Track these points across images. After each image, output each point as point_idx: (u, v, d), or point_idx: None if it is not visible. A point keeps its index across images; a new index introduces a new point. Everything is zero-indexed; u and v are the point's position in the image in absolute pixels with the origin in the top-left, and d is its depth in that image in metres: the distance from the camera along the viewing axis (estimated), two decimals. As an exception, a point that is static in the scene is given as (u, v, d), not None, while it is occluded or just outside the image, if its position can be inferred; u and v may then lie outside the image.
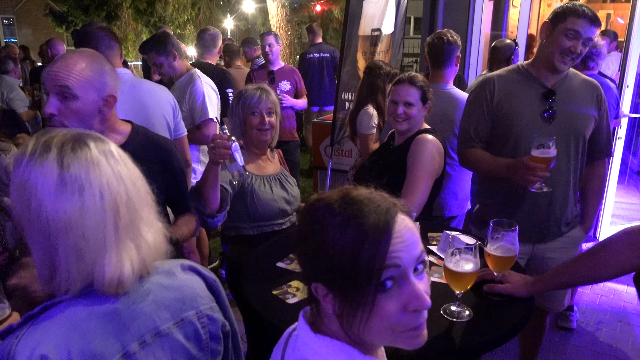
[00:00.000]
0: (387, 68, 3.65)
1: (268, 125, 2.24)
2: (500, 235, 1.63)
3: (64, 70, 1.56)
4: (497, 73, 2.30)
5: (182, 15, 14.86)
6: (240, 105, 2.25)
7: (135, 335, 0.96)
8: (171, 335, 1.02)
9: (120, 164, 0.97)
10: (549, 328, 3.07)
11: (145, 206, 1.00)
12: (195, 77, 3.19)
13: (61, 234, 0.89)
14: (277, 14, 12.07)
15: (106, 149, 0.97)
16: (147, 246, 0.99)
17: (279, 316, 1.55)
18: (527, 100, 2.17)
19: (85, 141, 0.94)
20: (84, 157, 0.92)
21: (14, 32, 22.04)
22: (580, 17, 2.02)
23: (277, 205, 2.25)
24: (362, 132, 3.61)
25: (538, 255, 2.29)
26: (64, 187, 0.89)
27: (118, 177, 0.95)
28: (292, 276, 1.80)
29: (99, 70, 1.62)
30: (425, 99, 2.30)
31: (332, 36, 16.20)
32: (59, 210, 0.88)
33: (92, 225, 0.90)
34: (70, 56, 1.60)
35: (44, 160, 0.89)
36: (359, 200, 0.81)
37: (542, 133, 2.09)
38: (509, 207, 2.20)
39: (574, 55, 2.05)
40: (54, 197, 0.88)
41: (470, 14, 5.33)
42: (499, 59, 3.96)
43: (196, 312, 1.08)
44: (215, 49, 3.98)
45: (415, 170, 2.18)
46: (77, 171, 0.90)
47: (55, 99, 1.56)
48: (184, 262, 1.14)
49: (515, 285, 1.63)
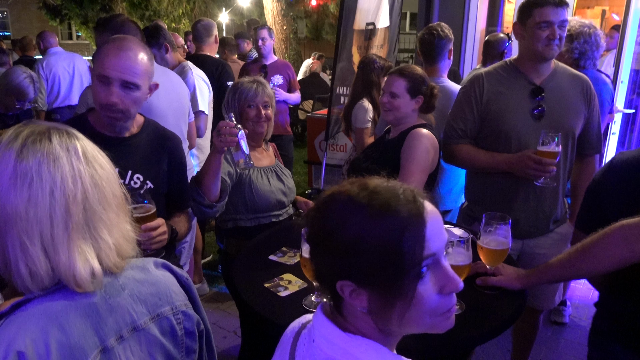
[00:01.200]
0: (381, 62, 3.64)
1: (264, 118, 2.26)
2: (493, 228, 1.63)
3: (131, 63, 1.61)
4: (486, 70, 2.30)
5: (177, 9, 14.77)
6: (236, 98, 2.26)
7: (113, 329, 0.95)
8: (148, 330, 1.01)
9: (82, 163, 0.92)
10: (542, 322, 3.07)
11: (108, 208, 0.95)
12: (187, 69, 3.17)
13: (9, 226, 0.87)
14: (273, 8, 12.02)
15: (71, 145, 0.92)
16: (108, 247, 0.94)
17: (270, 309, 1.54)
18: (516, 98, 2.17)
19: (50, 135, 0.92)
20: (41, 151, 0.89)
21: (7, 25, 21.86)
22: (544, 6, 2.04)
23: (274, 196, 2.25)
24: (357, 127, 3.60)
25: (527, 251, 2.29)
26: (16, 178, 0.87)
27: (76, 175, 0.90)
28: (284, 269, 1.79)
29: (151, 61, 1.71)
30: (415, 91, 2.23)
31: (328, 31, 16.17)
32: (8, 201, 0.86)
33: (37, 220, 0.87)
34: (132, 48, 1.64)
35: (7, 150, 0.88)
36: (382, 190, 0.80)
37: (532, 131, 2.10)
38: (499, 203, 2.19)
39: (556, 41, 2.06)
40: (7, 187, 0.86)
41: (465, 9, 5.33)
42: (492, 54, 3.95)
43: (171, 307, 1.07)
44: (210, 39, 3.92)
45: (408, 164, 2.16)
46: (30, 163, 0.87)
47: (120, 89, 1.61)
48: (157, 259, 1.13)
49: (508, 278, 1.63)
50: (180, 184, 1.92)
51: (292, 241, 1.93)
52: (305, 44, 17.92)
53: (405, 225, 0.76)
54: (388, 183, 0.83)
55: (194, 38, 3.99)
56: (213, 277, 4.00)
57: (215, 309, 3.49)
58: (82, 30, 15.70)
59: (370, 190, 0.80)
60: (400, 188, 0.81)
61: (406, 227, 0.76)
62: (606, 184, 1.55)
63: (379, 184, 0.82)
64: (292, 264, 1.82)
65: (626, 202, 1.46)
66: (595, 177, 1.62)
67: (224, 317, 3.39)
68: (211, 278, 3.97)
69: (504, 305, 1.59)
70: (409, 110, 2.25)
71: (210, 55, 3.86)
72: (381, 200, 0.78)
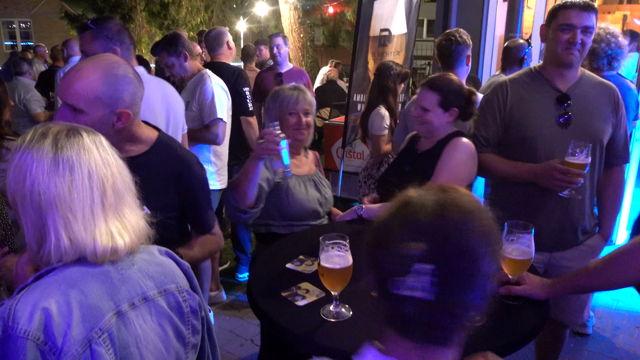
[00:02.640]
0: (398, 68, 3.63)
1: (305, 125, 2.28)
2: (515, 237, 1.59)
3: (72, 84, 1.49)
4: (510, 77, 2.26)
5: (195, 18, 14.94)
6: (277, 105, 2.28)
7: (126, 297, 1.07)
8: (157, 302, 1.13)
9: (108, 153, 1.10)
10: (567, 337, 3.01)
11: (128, 192, 1.11)
12: (205, 77, 3.18)
13: (51, 207, 1.00)
14: (290, 17, 12.09)
15: (97, 139, 1.10)
16: (131, 226, 1.10)
17: (288, 318, 1.52)
18: (541, 105, 2.13)
19: (79, 131, 1.08)
20: (76, 142, 1.04)
21: (31, 35, 22.35)
22: (569, 9, 2.00)
23: (310, 205, 2.25)
24: (373, 133, 3.58)
25: (555, 264, 2.23)
26: (57, 165, 1.01)
27: (106, 162, 1.07)
28: (301, 278, 1.77)
29: (113, 85, 1.51)
30: (449, 104, 2.10)
31: (345, 38, 16.19)
32: (50, 186, 1.00)
33: (80, 200, 1.02)
34: (83, 68, 1.52)
35: (41, 145, 1.02)
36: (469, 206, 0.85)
37: (558, 139, 2.05)
38: (524, 214, 2.13)
39: (577, 46, 2.01)
40: (47, 174, 1.00)
41: (483, 15, 5.29)
42: (511, 60, 3.91)
43: (177, 286, 1.19)
44: (221, 47, 3.89)
45: (439, 173, 2.05)
46: (69, 153, 1.02)
47: (66, 110, 1.51)
48: (160, 247, 1.24)
49: (532, 287, 1.59)
50: (195, 207, 1.82)
51: (310, 249, 1.92)
52: (322, 51, 17.97)
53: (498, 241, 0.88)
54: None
55: (208, 50, 4.02)
56: (230, 284, 4.00)
57: (232, 316, 3.48)
58: (102, 39, 15.99)
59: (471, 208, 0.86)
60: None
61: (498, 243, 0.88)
62: None
63: (460, 198, 0.86)
64: (310, 273, 1.80)
65: None
66: None
67: (241, 325, 3.38)
68: (228, 285, 3.97)
69: (527, 317, 1.55)
70: (443, 123, 2.13)
71: (226, 63, 3.88)
72: (485, 219, 0.87)
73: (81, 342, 0.96)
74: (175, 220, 1.78)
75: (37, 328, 0.93)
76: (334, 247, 1.47)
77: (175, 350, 1.16)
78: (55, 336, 0.94)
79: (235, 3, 15.82)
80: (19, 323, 0.92)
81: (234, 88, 3.62)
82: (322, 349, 1.40)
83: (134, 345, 1.05)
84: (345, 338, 1.41)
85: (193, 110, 3.17)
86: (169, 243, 1.54)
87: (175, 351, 1.16)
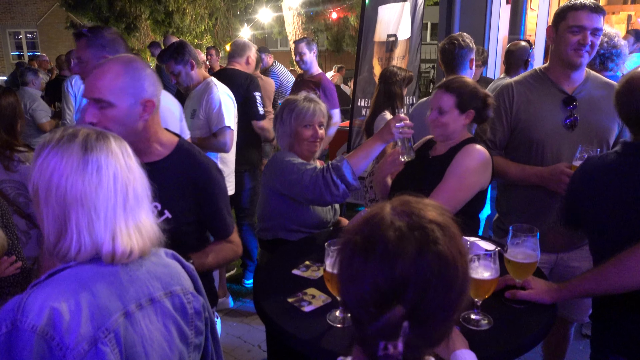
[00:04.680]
0: (403, 73, 3.64)
1: (320, 138, 2.28)
2: (520, 241, 1.59)
3: (98, 79, 1.56)
4: (515, 79, 2.26)
5: (199, 26, 15.00)
6: (293, 117, 2.26)
7: (134, 297, 1.10)
8: (163, 303, 1.16)
9: (132, 159, 1.15)
10: (573, 336, 2.99)
11: (146, 198, 1.16)
12: (211, 86, 3.20)
13: (76, 203, 1.05)
14: (293, 22, 12.14)
15: (122, 145, 1.15)
16: (146, 230, 1.14)
17: (294, 324, 1.53)
18: (548, 107, 2.13)
19: (107, 135, 1.13)
20: (105, 146, 1.10)
21: (37, 45, 22.52)
22: (579, 10, 1.99)
23: (323, 214, 2.28)
24: None
25: (561, 264, 2.23)
26: (85, 165, 1.06)
27: (129, 168, 1.13)
28: (307, 283, 1.77)
29: (135, 76, 1.59)
30: (465, 106, 2.06)
31: (349, 43, 16.19)
32: (77, 183, 1.05)
33: (105, 200, 1.07)
34: (104, 65, 1.60)
35: (70, 144, 1.07)
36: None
37: (565, 141, 2.05)
38: (532, 216, 2.12)
39: (587, 47, 2.01)
40: (76, 171, 1.05)
41: (487, 18, 5.28)
42: (515, 63, 3.91)
43: (182, 287, 1.23)
44: (242, 59, 3.94)
45: (448, 179, 2.01)
46: (98, 154, 1.08)
47: (94, 108, 1.56)
48: (167, 250, 1.27)
49: (538, 292, 1.58)
50: (214, 213, 1.83)
51: (315, 255, 1.92)
52: (326, 56, 18.00)
53: None
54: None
55: (229, 55, 4.06)
56: (237, 291, 4.00)
57: (240, 322, 3.49)
58: (108, 48, 16.09)
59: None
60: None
61: None
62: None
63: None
64: (316, 279, 1.81)
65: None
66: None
67: (248, 331, 3.38)
68: (235, 291, 3.98)
69: (533, 320, 1.54)
70: (459, 125, 2.09)
71: (237, 69, 3.92)
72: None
73: (88, 339, 0.99)
74: (193, 225, 1.80)
75: (45, 323, 0.96)
76: (339, 252, 1.48)
77: (178, 350, 1.19)
78: (63, 332, 0.97)
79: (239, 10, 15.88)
80: (28, 317, 0.96)
81: (247, 92, 3.65)
82: (329, 355, 1.40)
83: (140, 345, 1.09)
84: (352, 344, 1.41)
85: (200, 118, 3.20)
86: (185, 247, 1.59)
87: (179, 351, 1.19)
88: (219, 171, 1.87)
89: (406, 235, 0.78)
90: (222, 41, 15.32)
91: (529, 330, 1.51)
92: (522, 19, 5.30)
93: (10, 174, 2.25)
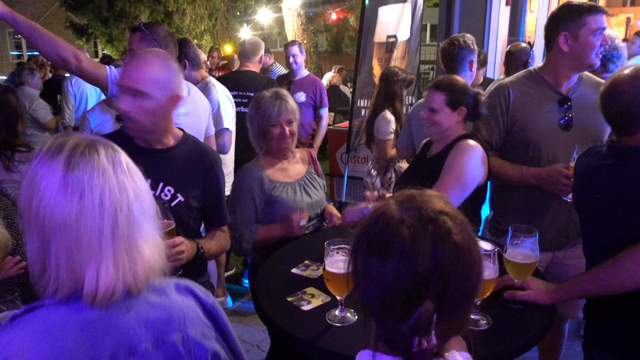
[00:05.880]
0: (403, 74, 3.64)
1: (288, 135, 2.26)
2: (519, 241, 1.59)
3: (137, 70, 1.63)
4: (510, 80, 2.26)
5: (199, 26, 15.00)
6: (259, 116, 2.25)
7: (107, 350, 0.91)
8: (148, 356, 0.96)
9: (126, 175, 0.96)
10: (571, 337, 2.99)
11: (147, 219, 0.98)
12: (210, 86, 3.19)
13: (55, 233, 0.89)
14: (293, 23, 12.15)
15: (116, 158, 0.96)
16: (142, 260, 0.96)
17: (293, 323, 1.53)
18: (543, 108, 2.13)
19: (97, 147, 0.95)
20: (91, 162, 0.92)
21: (37, 44, 22.53)
22: (600, 13, 2.01)
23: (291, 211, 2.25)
24: (380, 138, 3.59)
25: (557, 262, 2.24)
26: (66, 187, 0.89)
27: (121, 187, 0.94)
28: (307, 282, 1.78)
29: (171, 71, 1.69)
30: (456, 103, 2.10)
31: (348, 44, 16.20)
32: (56, 209, 0.89)
33: (87, 230, 0.90)
34: (143, 56, 1.67)
35: (54, 160, 0.91)
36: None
37: (561, 142, 2.06)
38: (528, 216, 2.14)
39: (601, 48, 2.04)
40: (55, 196, 0.89)
41: (486, 19, 5.28)
42: (515, 64, 3.91)
43: (182, 335, 1.01)
44: (256, 58, 3.99)
45: (445, 177, 2.03)
46: (81, 174, 0.90)
47: (128, 97, 1.63)
48: (181, 282, 1.09)
49: (537, 292, 1.59)
50: (217, 200, 1.92)
51: (315, 254, 1.93)
52: (326, 57, 18.00)
53: None
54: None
55: (239, 55, 4.07)
56: (236, 291, 4.00)
57: (239, 323, 3.49)
58: (107, 48, 16.07)
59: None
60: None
61: None
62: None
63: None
64: (315, 278, 1.81)
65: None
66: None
67: (247, 332, 3.38)
68: (234, 292, 3.98)
69: (532, 321, 1.55)
70: (452, 123, 2.13)
71: (255, 72, 3.95)
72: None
73: None
74: (197, 212, 1.88)
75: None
76: (339, 252, 1.48)
77: None
78: None
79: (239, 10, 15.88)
80: None
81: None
82: (328, 354, 1.41)
83: None
84: (351, 343, 1.41)
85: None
86: (191, 234, 1.71)
87: None
88: (221, 161, 1.96)
89: (420, 232, 0.79)
90: (222, 42, 15.32)
91: (527, 330, 1.51)
92: (521, 21, 5.31)
93: (11, 174, 2.26)
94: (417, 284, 0.77)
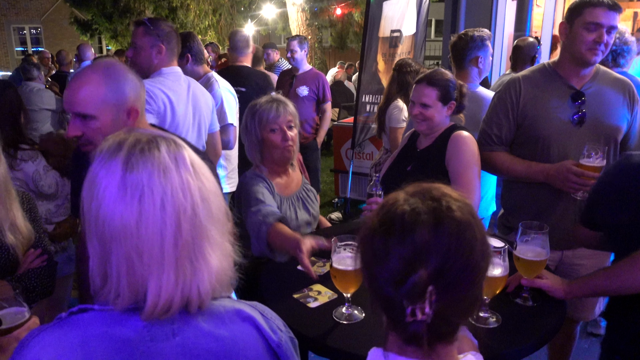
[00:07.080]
0: (416, 66, 3.64)
1: (291, 140, 2.06)
2: (530, 238, 1.57)
3: (77, 93, 1.50)
4: (523, 74, 2.22)
5: (203, 22, 14.99)
6: (256, 123, 2.05)
7: None
8: None
9: (191, 174, 0.86)
10: (578, 334, 2.97)
11: (215, 224, 0.88)
12: (212, 82, 3.16)
13: (115, 241, 0.81)
14: (298, 19, 12.12)
15: (179, 155, 0.86)
16: (209, 270, 0.86)
17: (300, 321, 1.52)
18: (555, 103, 2.09)
19: (158, 144, 0.85)
20: (151, 161, 0.83)
21: (41, 40, 22.55)
22: (597, 6, 1.93)
23: (299, 231, 2.07)
24: (392, 126, 3.59)
25: (566, 262, 2.20)
26: (125, 190, 0.81)
27: (185, 188, 0.84)
28: (313, 280, 1.76)
29: (115, 84, 1.52)
30: (447, 97, 2.11)
31: (353, 40, 16.17)
32: (115, 214, 0.81)
33: (149, 236, 0.81)
34: (83, 75, 1.52)
35: (113, 159, 0.83)
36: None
37: (572, 138, 2.03)
38: (537, 213, 2.11)
39: (602, 46, 1.96)
40: (114, 200, 0.81)
41: (492, 14, 5.24)
42: (523, 59, 3.88)
43: None
44: (248, 50, 3.95)
45: (465, 171, 2.04)
46: (140, 174, 0.81)
47: (77, 120, 1.52)
48: (242, 310, 0.93)
49: (553, 282, 1.58)
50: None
51: (321, 251, 1.90)
52: (330, 53, 17.98)
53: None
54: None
55: (232, 49, 4.02)
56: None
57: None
58: (111, 44, 16.10)
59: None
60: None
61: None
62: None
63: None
64: (322, 275, 1.80)
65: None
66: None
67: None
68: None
69: (542, 319, 1.53)
70: (443, 117, 2.15)
71: (248, 66, 3.92)
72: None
73: None
74: None
75: None
76: (345, 248, 1.46)
77: None
78: None
79: (243, 6, 15.86)
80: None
81: (263, 92, 3.66)
82: (335, 352, 1.39)
83: None
84: (358, 340, 1.40)
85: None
86: None
87: None
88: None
89: (420, 207, 0.81)
90: (226, 37, 15.31)
91: (538, 329, 1.49)
92: (528, 16, 5.26)
93: (14, 172, 2.26)
94: (416, 254, 0.79)
